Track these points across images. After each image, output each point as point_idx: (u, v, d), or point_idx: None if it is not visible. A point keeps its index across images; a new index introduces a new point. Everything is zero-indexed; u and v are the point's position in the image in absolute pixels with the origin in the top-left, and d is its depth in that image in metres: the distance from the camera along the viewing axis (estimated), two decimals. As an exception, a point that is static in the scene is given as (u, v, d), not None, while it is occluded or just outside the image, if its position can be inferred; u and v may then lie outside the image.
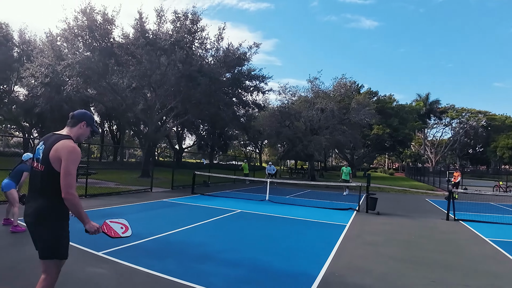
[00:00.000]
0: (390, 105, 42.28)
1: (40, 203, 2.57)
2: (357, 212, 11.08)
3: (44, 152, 2.59)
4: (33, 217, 2.57)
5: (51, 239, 2.58)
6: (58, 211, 2.62)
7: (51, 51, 19.69)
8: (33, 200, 2.62)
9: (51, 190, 2.55)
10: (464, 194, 14.66)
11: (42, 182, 2.58)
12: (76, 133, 2.80)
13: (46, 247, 2.58)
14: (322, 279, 4.48)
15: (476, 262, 5.74)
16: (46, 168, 2.56)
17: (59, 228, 2.65)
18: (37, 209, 2.56)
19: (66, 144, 2.58)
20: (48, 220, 2.58)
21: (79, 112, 2.88)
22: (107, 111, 31.72)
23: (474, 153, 66.85)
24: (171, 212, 9.92)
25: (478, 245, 7.14)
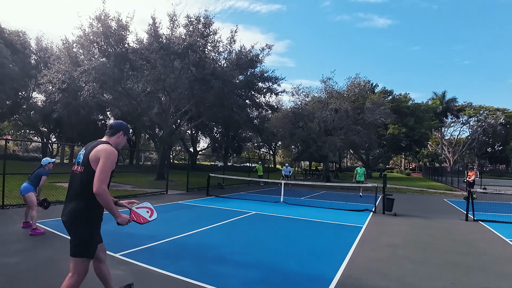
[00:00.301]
0: (406, 104, 41.60)
1: (77, 204, 2.80)
2: (374, 214, 10.93)
3: (84, 156, 2.88)
4: (69, 217, 2.81)
5: (84, 239, 2.81)
6: (93, 212, 2.85)
7: (67, 58, 20.14)
8: (71, 201, 2.85)
9: (88, 191, 2.75)
10: (483, 194, 14.32)
11: (81, 183, 2.82)
12: (115, 142, 3.13)
13: (78, 245, 2.80)
14: (338, 282, 4.44)
15: (497, 264, 5.58)
16: (86, 169, 2.82)
17: (92, 228, 2.88)
18: (73, 209, 2.80)
19: (105, 147, 2.90)
20: (83, 220, 2.81)
21: (116, 123, 3.21)
22: (123, 116, 32.13)
23: (493, 152, 65.17)
24: (187, 214, 9.99)
25: (499, 246, 6.95)
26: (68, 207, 2.84)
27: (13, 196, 9.75)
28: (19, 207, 9.09)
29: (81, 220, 2.80)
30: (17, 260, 4.81)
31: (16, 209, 8.99)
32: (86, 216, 2.82)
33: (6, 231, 6.59)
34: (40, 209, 6.92)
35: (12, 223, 7.28)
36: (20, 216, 7.43)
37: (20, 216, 7.43)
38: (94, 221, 2.89)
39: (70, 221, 2.82)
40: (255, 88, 26.85)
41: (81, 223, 2.80)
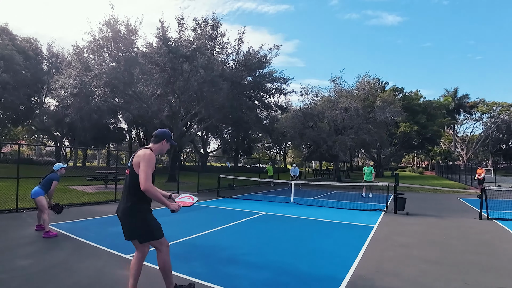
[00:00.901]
0: (417, 101, 41.09)
1: (127, 202, 3.35)
2: (385, 213, 10.82)
3: (130, 161, 3.44)
4: (123, 213, 3.36)
5: (142, 228, 3.37)
6: (140, 207, 3.38)
7: (78, 63, 20.47)
8: (123, 200, 3.41)
9: (135, 190, 3.32)
10: (497, 192, 14.04)
11: (128, 184, 3.38)
12: (158, 148, 3.64)
13: (142, 235, 3.39)
14: (349, 282, 4.40)
15: (511, 263, 5.48)
16: (131, 172, 3.37)
17: (144, 219, 3.39)
18: (125, 207, 3.35)
19: (144, 151, 3.41)
20: (134, 215, 3.35)
21: (159, 131, 3.71)
22: (134, 119, 32.57)
23: (507, 149, 63.88)
24: (197, 215, 10.03)
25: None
26: (122, 205, 3.39)
27: (27, 200, 9.93)
28: (33, 211, 9.25)
29: (134, 215, 3.35)
30: (30, 262, 4.90)
31: (30, 213, 9.16)
32: (137, 211, 3.36)
33: (20, 234, 6.72)
34: (52, 213, 7.05)
35: (26, 226, 7.42)
36: (34, 219, 7.57)
37: (34, 219, 7.57)
38: (144, 212, 3.40)
39: (124, 217, 3.38)
40: (264, 88, 26.85)
41: (133, 217, 3.35)
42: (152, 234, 3.42)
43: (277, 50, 24.40)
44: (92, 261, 5.03)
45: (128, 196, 3.36)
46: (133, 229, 3.38)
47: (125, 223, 3.39)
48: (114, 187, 12.90)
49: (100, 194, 13.29)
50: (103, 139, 41.26)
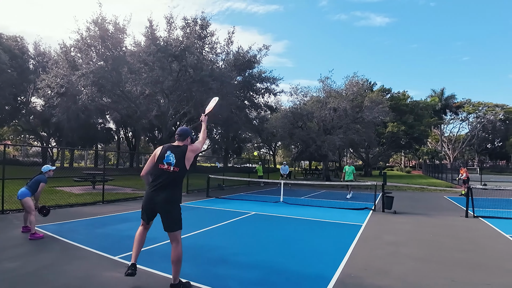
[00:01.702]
0: (404, 102, 41.63)
1: (168, 193, 3.90)
2: (373, 212, 10.94)
3: (176, 156, 3.93)
4: (165, 203, 3.88)
5: (178, 216, 4.00)
6: (179, 197, 4.08)
7: (65, 62, 20.18)
8: (162, 192, 3.88)
9: (178, 184, 4.02)
10: (483, 191, 14.33)
11: (175, 178, 3.93)
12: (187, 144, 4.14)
13: (177, 223, 4.00)
14: (337, 281, 4.44)
15: (498, 260, 5.58)
16: (181, 168, 3.93)
17: (180, 211, 4.05)
18: (166, 197, 3.88)
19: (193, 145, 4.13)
20: (176, 204, 4.00)
21: (182, 129, 4.15)
22: (122, 119, 32.19)
23: (493, 148, 65.21)
24: (186, 215, 9.93)
25: (499, 242, 6.95)
26: (161, 196, 3.87)
27: (13, 201, 9.75)
28: (19, 212, 9.09)
29: (174, 204, 3.97)
30: (18, 264, 4.81)
31: (16, 214, 8.99)
32: (177, 200, 4.01)
33: (6, 236, 6.59)
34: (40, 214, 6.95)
35: (12, 228, 7.28)
36: (20, 221, 7.44)
37: (20, 221, 7.44)
38: (179, 203, 4.08)
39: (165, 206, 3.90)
40: (254, 88, 26.89)
41: (174, 206, 3.97)
42: (180, 225, 4.05)
43: (266, 50, 24.49)
44: (80, 263, 4.96)
45: (174, 189, 3.94)
46: (173, 217, 3.94)
47: (169, 211, 3.91)
48: (102, 188, 12.73)
49: (87, 195, 13.11)
50: (90, 139, 40.77)
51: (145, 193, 4.06)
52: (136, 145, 47.29)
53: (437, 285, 4.38)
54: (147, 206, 3.98)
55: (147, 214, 4.03)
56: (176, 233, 3.94)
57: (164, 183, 3.87)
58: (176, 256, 3.90)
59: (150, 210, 4.00)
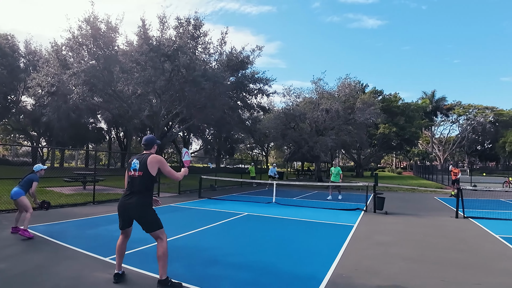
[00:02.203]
0: (396, 103, 42.02)
1: (141, 199, 4.03)
2: (365, 212, 11.00)
3: (141, 163, 4.06)
4: (135, 207, 4.00)
5: (153, 219, 4.08)
6: (150, 202, 4.16)
7: (56, 61, 19.95)
8: (134, 197, 4.02)
9: (148, 189, 4.10)
10: (473, 192, 14.52)
11: (142, 183, 4.03)
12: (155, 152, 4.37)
13: (152, 224, 4.06)
14: (329, 281, 4.46)
15: (487, 260, 5.66)
16: (145, 173, 4.02)
17: (154, 212, 4.13)
18: (135, 203, 4.00)
19: (156, 156, 4.16)
20: (146, 208, 4.06)
21: (146, 139, 4.35)
22: (114, 118, 31.98)
23: (482, 150, 66.09)
24: (178, 216, 9.94)
25: (489, 242, 7.04)
26: (132, 200, 4.02)
27: (2, 202, 9.62)
28: (8, 213, 8.97)
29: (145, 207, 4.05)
30: (7, 265, 4.74)
31: (5, 215, 8.85)
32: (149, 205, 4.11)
33: (-6, 237, 6.49)
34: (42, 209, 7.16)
35: (1, 229, 7.18)
36: (9, 222, 7.33)
37: (9, 222, 7.33)
38: (150, 205, 4.14)
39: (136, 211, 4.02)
40: (246, 89, 26.88)
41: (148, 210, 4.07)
42: (159, 223, 4.10)
43: (259, 51, 24.51)
44: (70, 264, 4.91)
45: (141, 193, 4.03)
46: (147, 220, 4.04)
47: (141, 215, 4.03)
48: (93, 188, 12.61)
49: (78, 196, 12.97)
50: (81, 139, 40.39)
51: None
52: (128, 145, 46.98)
53: (427, 285, 4.42)
54: (120, 211, 4.14)
55: (122, 220, 4.15)
56: (156, 232, 4.06)
57: (133, 189, 4.07)
58: (161, 251, 4.00)
59: (123, 216, 4.13)
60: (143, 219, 4.04)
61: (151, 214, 4.08)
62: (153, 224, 4.06)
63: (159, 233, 4.06)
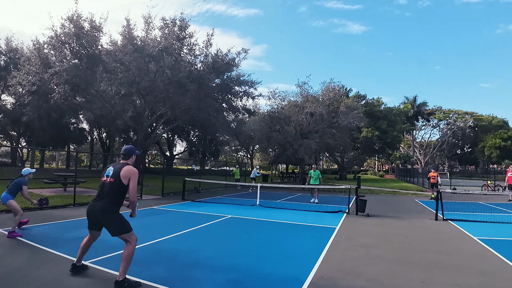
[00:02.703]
0: (378, 108, 42.70)
1: (107, 203, 4.12)
2: (347, 215, 11.14)
3: (115, 171, 4.20)
4: (100, 212, 4.11)
5: (119, 223, 4.16)
6: (117, 208, 4.21)
7: (38, 59, 19.45)
8: (101, 201, 4.13)
9: (118, 195, 4.19)
10: (453, 194, 14.87)
11: (112, 190, 4.14)
12: (131, 163, 4.45)
13: (118, 228, 4.14)
14: (312, 283, 4.50)
15: (466, 261, 5.81)
16: (116, 181, 4.14)
17: (120, 216, 4.19)
18: (105, 207, 4.10)
19: (131, 168, 4.29)
20: (114, 213, 4.15)
21: (125, 149, 4.51)
22: (96, 119, 31.35)
23: (462, 154, 67.71)
24: (161, 219, 9.85)
25: (467, 244, 7.22)
26: (99, 206, 4.12)
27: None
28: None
29: (111, 213, 4.14)
30: (-19, 269, 4.61)
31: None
32: (115, 210, 4.17)
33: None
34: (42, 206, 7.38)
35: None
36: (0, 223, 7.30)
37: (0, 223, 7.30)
38: (117, 211, 4.20)
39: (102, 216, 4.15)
40: (232, 91, 26.78)
41: (113, 215, 4.15)
42: (126, 227, 4.17)
43: (245, 54, 24.44)
44: (50, 267, 4.81)
45: (108, 198, 4.13)
46: (111, 225, 4.13)
47: (105, 219, 4.15)
48: (73, 190, 12.35)
49: (58, 198, 12.68)
50: (62, 140, 39.55)
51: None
52: (110, 147, 46.20)
53: (408, 285, 4.52)
54: (87, 214, 4.29)
55: (89, 222, 4.31)
56: (123, 236, 4.15)
57: (102, 194, 4.19)
58: (126, 253, 4.09)
59: (89, 219, 4.27)
60: (107, 223, 4.15)
61: (115, 219, 4.14)
62: (118, 228, 4.13)
63: (126, 237, 4.15)
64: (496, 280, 4.84)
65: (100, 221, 4.20)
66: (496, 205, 15.14)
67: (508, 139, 52.28)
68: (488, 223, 9.86)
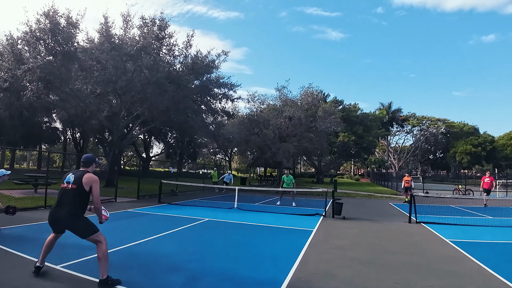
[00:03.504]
0: (355, 113, 43.62)
1: (71, 209, 4.18)
2: (324, 217, 11.27)
3: (76, 178, 4.26)
4: (65, 218, 4.18)
5: (85, 226, 4.24)
6: (81, 212, 4.28)
7: (11, 55, 18.73)
8: (65, 208, 4.19)
9: (80, 201, 4.25)
10: (425, 198, 15.31)
11: (74, 196, 4.21)
12: (91, 171, 4.51)
13: (85, 231, 4.23)
14: (289, 285, 4.52)
15: (438, 263, 5.97)
16: (78, 187, 4.21)
17: (85, 219, 4.28)
18: (70, 213, 4.17)
19: (92, 175, 4.34)
20: (79, 218, 4.23)
21: (85, 157, 4.60)
22: (70, 118, 30.46)
23: (434, 159, 69.93)
24: (136, 222, 9.66)
25: (439, 246, 7.44)
26: (64, 212, 4.18)
27: None
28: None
29: (76, 217, 4.21)
30: None
31: None
32: (80, 215, 4.24)
33: None
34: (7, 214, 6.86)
35: None
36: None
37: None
38: (83, 216, 4.29)
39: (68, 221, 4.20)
40: (211, 93, 26.63)
41: (78, 220, 4.22)
42: (94, 229, 4.23)
43: (225, 56, 24.40)
44: (19, 272, 4.59)
45: (72, 204, 4.18)
46: (77, 228, 4.21)
47: (72, 225, 4.22)
48: (45, 192, 11.92)
49: (28, 199, 12.20)
50: (34, 139, 38.13)
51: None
52: (84, 147, 44.94)
53: (381, 287, 4.60)
54: (50, 221, 4.33)
55: (52, 227, 4.37)
56: (92, 237, 4.22)
57: (64, 200, 4.24)
58: (100, 254, 4.16)
59: (53, 224, 4.33)
60: (73, 228, 4.23)
61: (81, 222, 4.23)
62: (85, 231, 4.22)
63: (95, 237, 4.21)
64: (467, 281, 5.00)
65: (66, 227, 4.27)
66: (467, 208, 15.68)
67: (478, 145, 54.37)
68: (460, 226, 10.19)
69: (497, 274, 5.23)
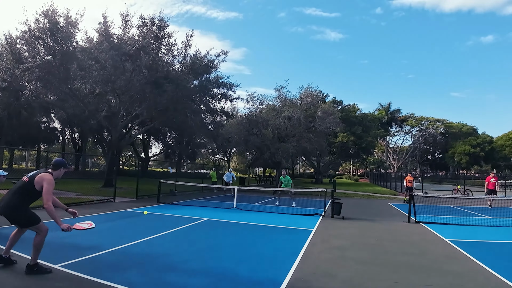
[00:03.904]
0: (354, 113, 43.61)
1: (14, 201, 4.34)
2: (323, 218, 11.25)
3: (33, 175, 4.47)
4: (4, 207, 4.32)
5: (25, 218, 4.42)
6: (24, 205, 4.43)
7: (9, 54, 18.70)
8: (9, 199, 4.36)
9: (25, 195, 4.43)
10: (424, 198, 15.32)
11: (22, 189, 4.42)
12: (57, 174, 4.69)
13: (25, 222, 4.44)
14: (288, 285, 4.50)
15: (437, 262, 5.96)
16: (30, 182, 4.39)
17: (26, 212, 4.43)
18: (12, 205, 4.32)
19: (47, 175, 4.49)
20: (20, 210, 4.37)
21: (57, 161, 4.78)
22: (68, 118, 30.39)
23: (433, 159, 70.01)
24: (134, 222, 9.63)
25: (439, 246, 7.43)
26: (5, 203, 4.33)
27: None
28: None
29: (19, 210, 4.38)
30: None
31: None
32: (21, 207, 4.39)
33: None
34: None
35: None
36: None
37: None
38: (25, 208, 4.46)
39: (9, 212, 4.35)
40: (210, 93, 26.62)
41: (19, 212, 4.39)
42: (32, 221, 4.41)
43: (224, 56, 24.41)
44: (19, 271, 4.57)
45: (15, 196, 4.35)
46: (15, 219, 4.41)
47: (11, 215, 4.35)
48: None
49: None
50: (33, 139, 38.11)
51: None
52: (83, 147, 44.93)
53: (381, 287, 4.58)
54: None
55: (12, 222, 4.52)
56: (32, 228, 4.44)
57: (12, 189, 4.48)
58: (36, 241, 4.42)
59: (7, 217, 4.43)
60: (13, 219, 4.40)
61: (20, 214, 4.37)
62: (24, 222, 4.42)
63: (35, 229, 4.43)
64: (466, 280, 4.99)
65: (6, 216, 4.36)
66: (466, 208, 15.69)
67: (477, 146, 54.40)
68: (459, 225, 10.19)
69: (496, 273, 5.23)
